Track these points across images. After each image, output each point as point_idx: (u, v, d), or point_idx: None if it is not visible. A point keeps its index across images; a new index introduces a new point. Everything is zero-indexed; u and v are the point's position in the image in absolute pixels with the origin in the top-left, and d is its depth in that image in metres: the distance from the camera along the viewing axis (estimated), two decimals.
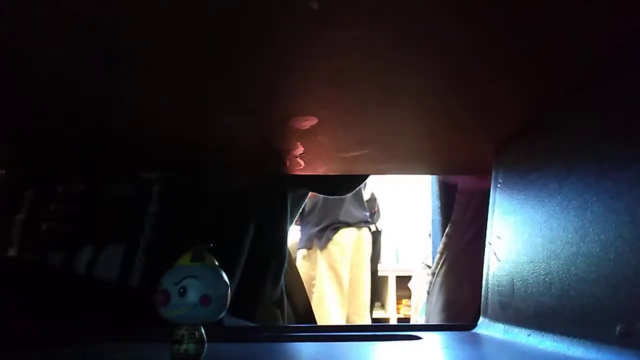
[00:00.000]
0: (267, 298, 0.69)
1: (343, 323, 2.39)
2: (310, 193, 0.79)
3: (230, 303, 0.31)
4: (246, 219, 0.64)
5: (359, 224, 2.49)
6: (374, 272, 2.70)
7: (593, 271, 0.33)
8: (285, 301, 0.75)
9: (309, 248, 2.46)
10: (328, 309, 2.35)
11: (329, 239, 2.42)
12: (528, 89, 0.40)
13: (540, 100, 0.41)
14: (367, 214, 2.57)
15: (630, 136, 0.31)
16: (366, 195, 2.67)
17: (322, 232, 2.43)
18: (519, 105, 0.43)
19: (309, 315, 0.83)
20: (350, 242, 2.46)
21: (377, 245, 2.73)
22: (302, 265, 2.44)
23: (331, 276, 2.41)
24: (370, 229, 2.59)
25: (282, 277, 0.72)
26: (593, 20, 0.30)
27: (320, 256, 2.43)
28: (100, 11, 0.29)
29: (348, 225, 2.45)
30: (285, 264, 0.73)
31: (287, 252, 0.74)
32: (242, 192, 0.65)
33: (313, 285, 2.38)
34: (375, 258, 2.72)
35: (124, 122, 0.48)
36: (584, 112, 0.37)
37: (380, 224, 2.76)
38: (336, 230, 2.43)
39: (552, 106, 0.41)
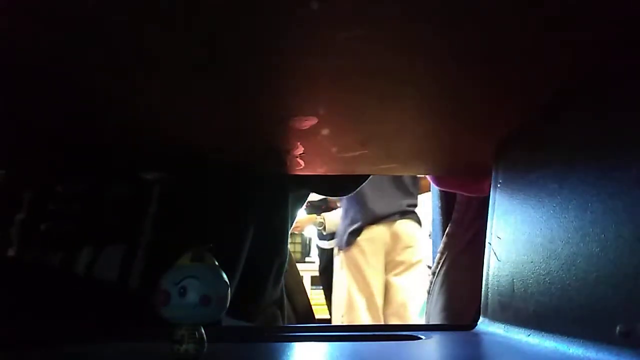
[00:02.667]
0: (268, 298, 0.69)
1: None
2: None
3: (230, 304, 0.31)
4: (246, 219, 0.64)
5: (392, 216, 2.06)
6: None
7: (593, 271, 0.33)
8: (286, 301, 0.75)
9: (339, 248, 2.17)
10: (358, 319, 2.07)
11: (350, 242, 2.12)
12: (528, 89, 0.40)
13: (540, 100, 0.41)
14: (408, 202, 2.05)
15: (630, 136, 0.31)
16: None
17: (346, 231, 2.14)
18: (518, 105, 0.43)
19: (309, 315, 0.84)
20: (376, 241, 2.10)
21: None
22: (338, 271, 2.18)
23: (355, 280, 2.14)
24: (416, 219, 2.15)
25: (283, 277, 0.73)
26: (592, 22, 0.30)
27: (343, 258, 2.16)
28: (99, 11, 0.29)
29: (375, 221, 2.07)
30: (286, 265, 0.73)
31: (288, 253, 0.74)
32: (243, 192, 0.65)
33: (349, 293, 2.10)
34: None
35: (124, 122, 0.48)
36: (584, 112, 0.37)
37: None
38: (359, 231, 2.11)
39: (552, 106, 0.41)
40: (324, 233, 2.55)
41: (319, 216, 2.52)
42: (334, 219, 2.50)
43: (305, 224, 2.65)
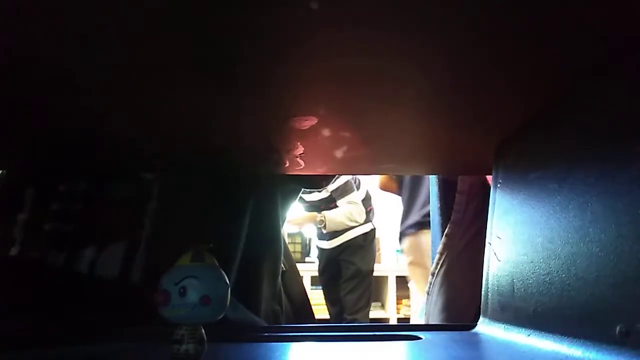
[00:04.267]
0: (266, 294, 0.69)
1: None
2: None
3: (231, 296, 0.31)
4: (242, 218, 0.65)
5: (410, 229, 1.95)
6: (371, 271, 2.67)
7: (593, 271, 0.33)
8: (284, 296, 0.75)
9: None
10: None
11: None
12: (528, 89, 0.40)
13: (540, 100, 0.41)
14: (422, 213, 1.90)
15: (630, 136, 0.31)
16: (361, 194, 2.62)
17: None
18: (518, 105, 0.43)
19: (305, 304, 0.84)
20: (407, 255, 2.02)
21: (373, 244, 2.70)
22: None
23: None
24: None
25: (279, 275, 0.73)
26: (592, 23, 0.30)
27: None
28: (100, 12, 0.29)
29: (403, 235, 1.99)
30: (282, 262, 0.73)
31: (283, 249, 0.74)
32: (239, 190, 0.65)
33: None
34: (373, 257, 2.69)
35: (124, 122, 0.48)
36: (584, 112, 0.37)
37: (375, 222, 2.72)
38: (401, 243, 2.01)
39: (552, 106, 0.41)
40: (324, 231, 2.54)
41: (320, 214, 2.51)
42: (335, 217, 2.49)
43: (305, 221, 2.64)
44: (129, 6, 0.29)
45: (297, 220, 2.58)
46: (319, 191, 2.44)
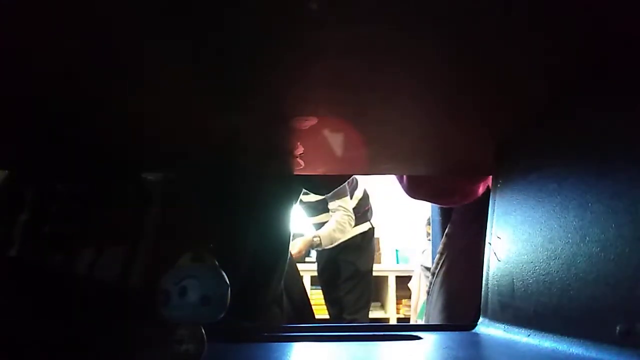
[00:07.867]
0: (269, 298, 0.69)
1: None
2: None
3: (234, 304, 0.31)
4: (246, 219, 0.65)
5: None
6: (370, 271, 2.67)
7: (593, 271, 0.33)
8: (284, 296, 0.75)
9: None
10: None
11: None
12: (528, 90, 0.40)
13: (540, 101, 0.41)
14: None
15: (630, 136, 0.31)
16: (359, 193, 2.61)
17: None
18: (519, 106, 0.43)
19: (306, 306, 0.84)
20: None
21: (372, 243, 2.70)
22: None
23: None
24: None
25: (283, 277, 0.73)
26: (589, 23, 0.30)
27: None
28: (101, 12, 0.29)
29: None
30: (287, 265, 0.73)
31: (289, 253, 0.74)
32: (242, 192, 0.65)
33: None
34: (371, 256, 2.69)
35: (125, 122, 0.48)
36: (584, 112, 0.37)
37: (374, 222, 2.71)
38: None
39: (551, 107, 0.41)
40: (320, 249, 2.53)
41: (315, 237, 2.48)
42: (328, 234, 2.48)
43: (305, 246, 2.62)
44: (128, 8, 0.29)
45: (298, 250, 2.55)
46: None
